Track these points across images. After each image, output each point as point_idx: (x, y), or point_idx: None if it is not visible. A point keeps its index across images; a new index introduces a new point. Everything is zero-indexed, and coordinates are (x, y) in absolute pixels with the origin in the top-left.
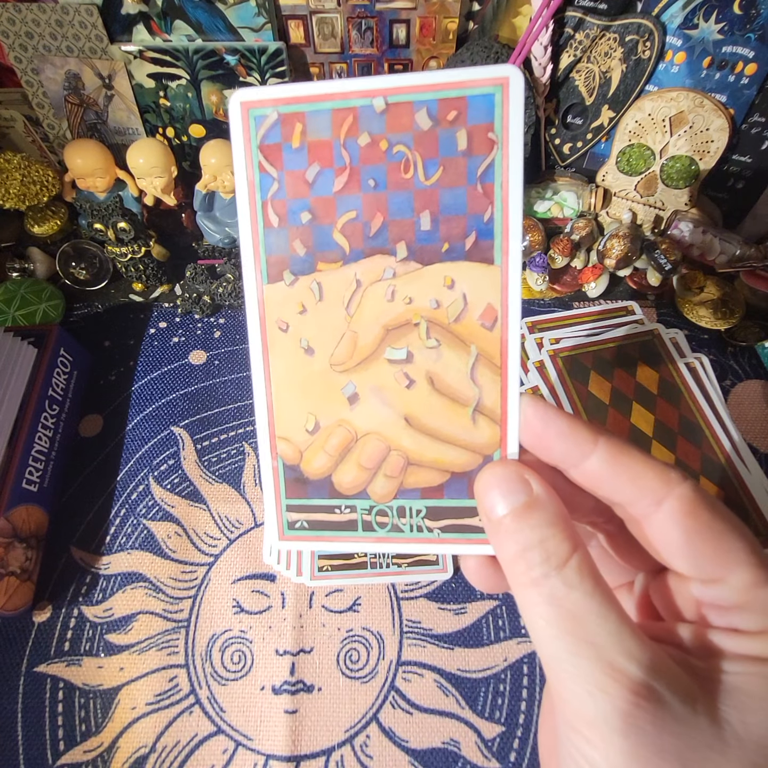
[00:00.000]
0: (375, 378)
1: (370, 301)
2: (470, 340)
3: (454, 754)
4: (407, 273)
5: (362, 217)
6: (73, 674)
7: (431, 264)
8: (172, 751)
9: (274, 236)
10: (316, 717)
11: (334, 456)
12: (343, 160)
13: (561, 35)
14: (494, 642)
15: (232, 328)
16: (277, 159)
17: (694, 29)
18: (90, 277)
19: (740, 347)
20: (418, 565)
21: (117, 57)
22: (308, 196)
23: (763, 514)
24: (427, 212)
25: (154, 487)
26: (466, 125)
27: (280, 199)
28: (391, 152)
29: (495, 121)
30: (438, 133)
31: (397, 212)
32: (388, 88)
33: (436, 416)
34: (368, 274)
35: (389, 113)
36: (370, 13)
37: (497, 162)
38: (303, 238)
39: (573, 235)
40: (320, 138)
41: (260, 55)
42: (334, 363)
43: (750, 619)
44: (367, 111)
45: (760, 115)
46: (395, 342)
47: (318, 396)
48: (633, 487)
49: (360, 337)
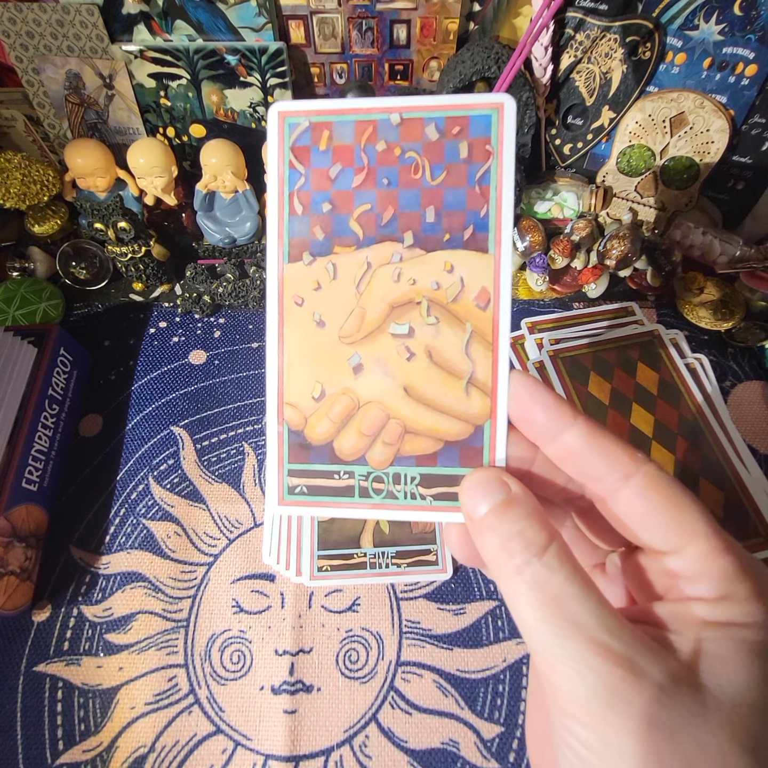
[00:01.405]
0: (379, 350)
1: (378, 281)
2: (466, 318)
3: (453, 755)
4: (412, 258)
5: (376, 209)
6: (73, 674)
7: (434, 251)
8: (171, 751)
9: (297, 222)
10: (315, 717)
11: (336, 422)
12: (362, 162)
13: (561, 36)
14: (493, 642)
15: (232, 328)
16: (306, 158)
17: (695, 30)
18: (90, 276)
19: (740, 348)
20: (417, 566)
21: (118, 57)
22: (330, 189)
23: (762, 514)
24: (432, 207)
25: (154, 487)
26: (467, 138)
27: (305, 191)
28: (403, 157)
29: (492, 136)
30: (444, 143)
31: (406, 206)
32: (404, 106)
33: (433, 387)
34: (378, 257)
35: (403, 126)
36: (370, 14)
37: (493, 169)
38: (323, 224)
39: (573, 235)
40: (344, 143)
41: (261, 55)
42: (342, 335)
43: (710, 585)
44: (384, 123)
45: (760, 116)
46: (399, 318)
47: (326, 365)
48: (605, 462)
49: (368, 312)
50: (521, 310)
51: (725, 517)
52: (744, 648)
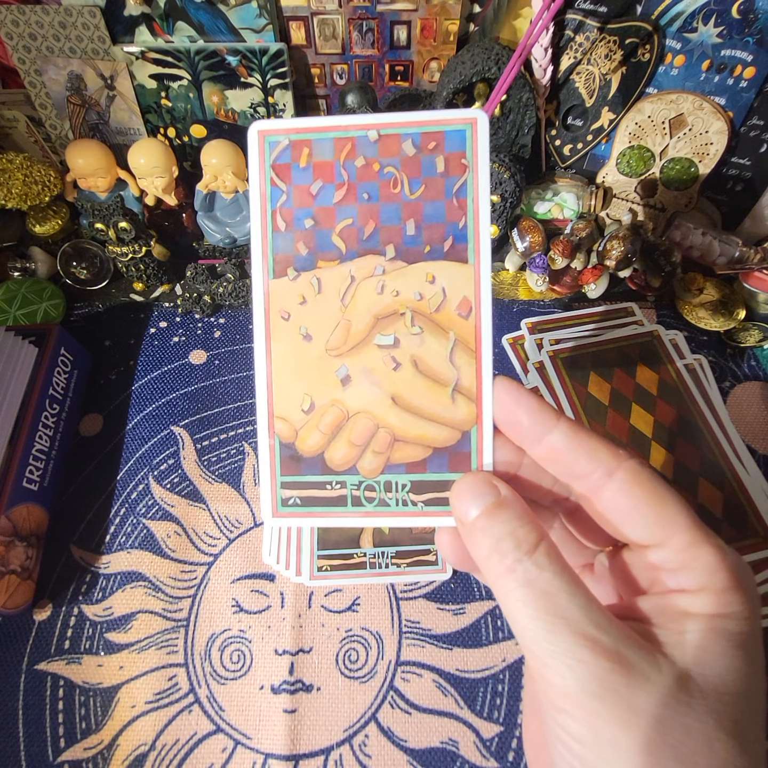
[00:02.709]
0: (366, 361)
1: (362, 293)
2: (449, 327)
3: (452, 754)
4: (395, 270)
5: (357, 223)
6: (74, 672)
7: (415, 263)
8: (172, 749)
9: (281, 239)
10: (314, 716)
11: (326, 434)
12: (343, 177)
13: (561, 37)
14: (493, 642)
15: (232, 328)
16: (287, 176)
17: (693, 32)
18: (91, 276)
19: (739, 349)
20: (417, 566)
21: (119, 58)
22: (312, 205)
23: (761, 515)
24: (412, 220)
25: (154, 487)
26: (443, 153)
27: (288, 208)
28: (382, 172)
29: (467, 150)
30: (421, 158)
31: (387, 220)
32: (381, 123)
33: (420, 396)
34: (361, 270)
35: (381, 142)
36: (371, 15)
37: (469, 181)
38: (306, 240)
39: (573, 236)
40: (324, 159)
41: (261, 56)
42: (329, 348)
43: (691, 577)
44: (362, 140)
45: (758, 118)
46: (384, 329)
47: (314, 378)
48: (588, 460)
49: (353, 325)
50: (521, 311)
51: (724, 517)
52: (725, 638)
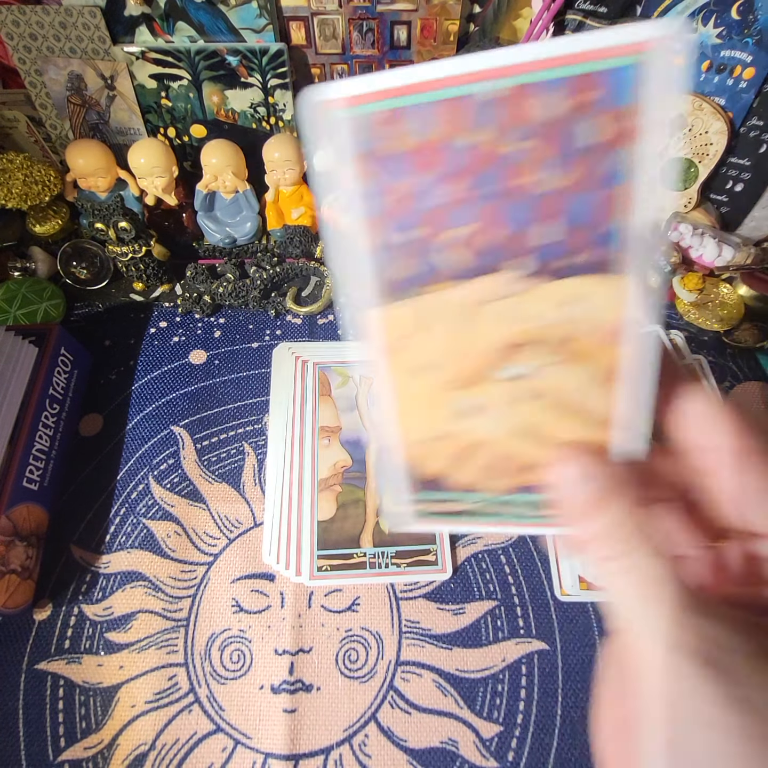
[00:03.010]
0: (489, 394)
1: (484, 319)
2: (586, 355)
3: (452, 754)
4: (524, 291)
5: (474, 232)
6: (74, 672)
7: (555, 280)
8: (172, 749)
9: (384, 257)
10: (314, 716)
11: (452, 463)
12: (456, 164)
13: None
14: (492, 642)
15: (232, 328)
16: (374, 169)
17: (693, 33)
18: (91, 276)
19: (739, 349)
20: (417, 566)
21: (119, 58)
22: (413, 210)
23: None
24: (549, 223)
25: (154, 487)
26: (598, 112)
27: (377, 216)
28: (508, 153)
29: (630, 103)
30: (566, 125)
31: (513, 224)
32: (516, 66)
33: (551, 427)
34: (482, 293)
35: (510, 101)
36: (371, 15)
37: (632, 158)
38: (411, 257)
39: None
40: (425, 138)
41: (262, 56)
42: (449, 380)
43: None
44: (481, 101)
45: (758, 119)
46: (510, 359)
47: (433, 410)
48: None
49: (473, 355)
50: None
51: None
52: None
